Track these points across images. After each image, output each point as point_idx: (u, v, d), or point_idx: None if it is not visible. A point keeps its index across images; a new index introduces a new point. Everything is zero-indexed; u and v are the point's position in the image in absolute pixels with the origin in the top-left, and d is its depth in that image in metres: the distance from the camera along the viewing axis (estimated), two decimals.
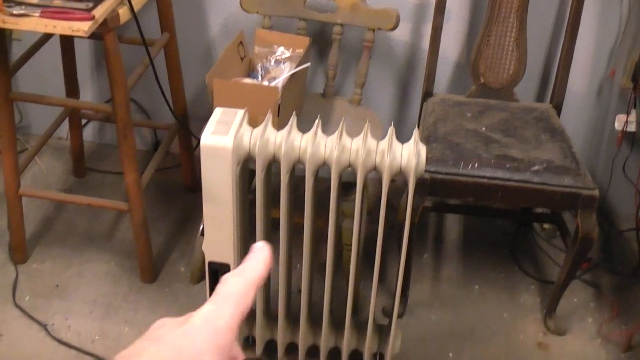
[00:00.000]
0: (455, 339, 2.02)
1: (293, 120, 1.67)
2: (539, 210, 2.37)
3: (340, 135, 1.62)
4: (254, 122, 1.68)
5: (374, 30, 2.08)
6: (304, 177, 1.62)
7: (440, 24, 2.09)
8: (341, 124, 1.65)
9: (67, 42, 2.20)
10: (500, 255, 2.32)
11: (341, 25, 2.11)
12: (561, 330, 2.05)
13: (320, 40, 2.33)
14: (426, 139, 1.94)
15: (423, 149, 1.59)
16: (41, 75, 2.49)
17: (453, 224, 2.45)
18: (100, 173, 2.56)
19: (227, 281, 0.57)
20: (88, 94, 2.56)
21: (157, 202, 2.46)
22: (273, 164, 1.67)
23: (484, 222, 2.44)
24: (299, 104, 2.07)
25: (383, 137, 1.65)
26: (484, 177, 1.83)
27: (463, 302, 2.15)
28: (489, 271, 2.25)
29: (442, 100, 2.13)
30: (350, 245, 1.78)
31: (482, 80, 2.11)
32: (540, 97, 2.32)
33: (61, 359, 1.91)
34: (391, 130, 1.63)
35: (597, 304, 2.16)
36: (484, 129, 1.98)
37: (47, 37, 2.01)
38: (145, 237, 2.07)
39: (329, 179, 1.62)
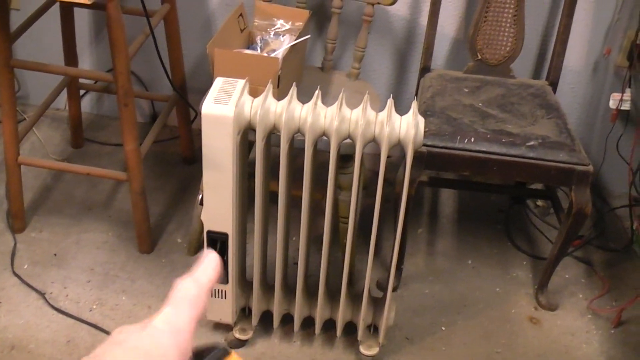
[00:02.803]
0: (448, 312, 2.05)
1: (293, 90, 1.68)
2: (533, 186, 2.40)
3: (340, 105, 1.64)
4: (253, 93, 1.69)
5: (373, 5, 2.09)
6: (302, 149, 1.63)
7: None
8: (341, 94, 1.66)
9: (67, 11, 2.20)
10: (494, 231, 2.35)
11: None
12: (552, 306, 2.08)
13: (320, 14, 2.34)
14: (423, 113, 1.96)
15: (421, 121, 1.61)
16: (40, 45, 2.49)
17: (447, 199, 2.47)
18: (98, 144, 2.57)
19: (181, 285, 0.60)
20: (86, 65, 2.57)
21: (155, 174, 2.48)
22: (271, 137, 1.69)
23: (479, 198, 2.47)
24: (299, 76, 2.08)
25: (381, 110, 1.67)
26: (480, 151, 1.85)
27: (456, 276, 2.18)
28: (482, 246, 2.28)
29: (439, 75, 2.15)
30: (347, 217, 1.80)
31: (479, 57, 2.13)
32: (536, 74, 2.34)
33: (59, 327, 1.93)
34: (390, 101, 1.65)
35: (588, 280, 2.19)
36: (480, 104, 2.00)
37: (47, 5, 2.01)
38: (143, 206, 2.08)
39: (326, 152, 1.63)
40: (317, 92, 1.67)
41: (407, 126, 1.59)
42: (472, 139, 1.87)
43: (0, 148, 2.22)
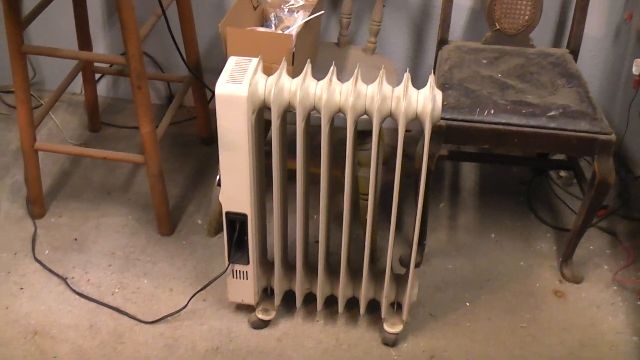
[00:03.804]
0: (472, 287, 2.03)
1: (308, 67, 1.65)
2: (555, 157, 2.36)
3: (356, 81, 1.61)
4: (268, 71, 1.67)
5: None
6: (319, 127, 1.61)
7: None
8: (356, 70, 1.63)
9: None
10: (517, 203, 2.31)
11: None
12: (577, 278, 2.05)
13: None
14: (441, 86, 1.93)
15: (439, 95, 1.58)
16: (54, 30, 2.48)
17: (469, 172, 2.44)
18: (115, 127, 2.56)
19: None
20: (100, 48, 2.55)
21: (173, 155, 2.47)
22: (288, 115, 1.67)
23: (500, 171, 2.43)
24: (313, 53, 2.05)
25: (399, 84, 1.64)
26: (499, 123, 1.82)
27: (479, 250, 2.15)
28: (505, 219, 2.25)
29: (457, 47, 2.11)
30: (367, 194, 1.77)
31: (497, 26, 2.08)
32: (556, 43, 2.29)
33: (81, 311, 1.93)
34: (407, 75, 1.62)
35: (613, 251, 2.16)
36: (499, 75, 1.96)
37: None
38: (161, 189, 2.08)
39: (344, 129, 1.61)
40: (332, 68, 1.65)
41: (424, 100, 1.56)
42: (492, 111, 1.83)
43: (17, 134, 2.21)
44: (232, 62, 1.67)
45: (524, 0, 2.04)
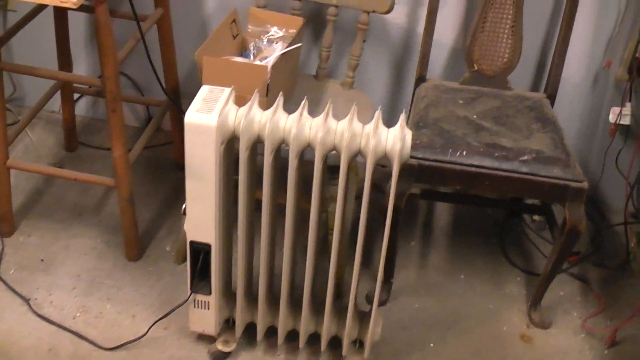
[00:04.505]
0: (438, 328, 2.01)
1: (279, 100, 1.65)
2: (530, 201, 2.36)
3: (326, 117, 1.60)
4: (242, 101, 1.66)
5: (368, 13, 2.05)
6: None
7: (436, 8, 2.07)
8: (327, 105, 1.63)
9: (60, 14, 2.18)
10: (489, 245, 2.30)
11: (336, 6, 2.08)
12: (545, 323, 2.04)
13: (316, 22, 2.31)
14: (416, 125, 1.92)
15: (409, 134, 1.57)
16: (36, 48, 2.47)
17: (443, 212, 2.43)
18: (92, 148, 2.55)
19: None
20: (82, 68, 2.55)
21: (147, 179, 2.45)
22: (259, 146, 1.66)
23: (474, 211, 2.43)
24: (291, 84, 2.05)
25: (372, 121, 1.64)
26: (471, 165, 1.81)
27: (448, 290, 2.14)
28: (476, 261, 2.24)
29: (434, 86, 2.11)
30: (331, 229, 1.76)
31: (476, 67, 2.09)
32: (535, 86, 2.30)
33: (41, 334, 1.90)
34: (378, 113, 1.61)
35: (584, 298, 2.14)
36: (475, 116, 1.96)
37: (39, 8, 1.98)
38: (131, 213, 2.06)
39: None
40: (303, 102, 1.64)
41: (393, 139, 1.55)
42: (464, 152, 1.83)
43: None
44: (204, 91, 1.67)
45: (502, 42, 2.05)
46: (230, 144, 1.64)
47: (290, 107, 1.65)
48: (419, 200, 2.43)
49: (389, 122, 1.57)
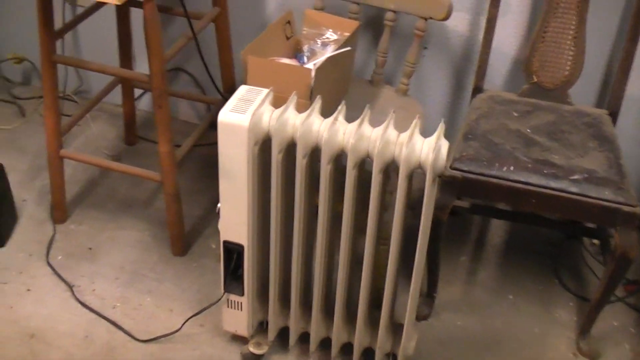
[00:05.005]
0: (478, 348, 1.93)
1: (316, 104, 1.62)
2: (589, 223, 2.24)
3: (362, 123, 1.57)
4: (284, 104, 1.63)
5: (425, 19, 2.00)
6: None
7: (495, 15, 1.99)
8: (365, 110, 1.59)
9: (121, 10, 2.23)
10: (542, 266, 2.20)
11: (394, 11, 2.04)
12: (594, 354, 1.92)
13: (375, 26, 2.27)
14: (464, 136, 1.86)
15: (445, 145, 1.52)
16: (102, 44, 2.54)
17: (497, 228, 2.34)
18: (150, 142, 2.59)
19: None
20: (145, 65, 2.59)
21: (200, 176, 2.47)
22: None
23: (530, 230, 2.32)
24: (340, 89, 2.02)
25: (422, 130, 1.59)
26: (517, 181, 1.73)
27: (493, 310, 2.05)
28: (526, 281, 2.14)
29: (490, 97, 2.03)
30: (386, 239, 1.71)
31: (535, 79, 2.00)
32: (599, 102, 2.17)
33: (80, 320, 1.94)
34: (415, 122, 1.56)
35: (638, 330, 2.01)
36: (528, 130, 1.88)
37: (98, 5, 2.03)
38: (176, 208, 2.07)
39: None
40: (340, 107, 1.61)
41: (427, 150, 1.50)
42: (511, 167, 1.75)
43: None
44: (242, 90, 1.66)
45: (564, 54, 1.95)
46: (265, 146, 1.62)
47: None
48: (472, 215, 2.35)
49: (447, 133, 1.52)
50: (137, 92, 2.55)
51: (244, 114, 1.56)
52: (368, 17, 2.26)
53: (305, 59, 2.01)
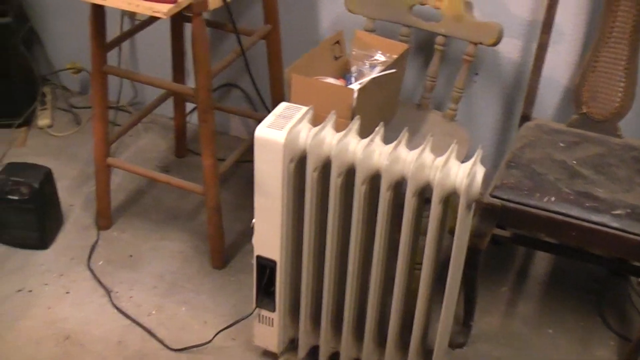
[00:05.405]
0: None
1: (354, 124, 1.62)
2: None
3: (398, 145, 1.56)
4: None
5: (475, 44, 1.98)
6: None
7: (546, 42, 1.96)
8: (403, 133, 1.58)
9: (175, 24, 2.28)
10: (585, 302, 2.13)
11: (444, 36, 2.03)
12: None
13: (426, 50, 2.26)
14: (507, 164, 1.82)
15: (481, 171, 1.50)
16: (157, 57, 2.60)
17: (541, 260, 2.28)
18: (199, 156, 2.61)
19: None
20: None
21: (246, 192, 2.47)
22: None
23: (575, 265, 2.26)
24: (387, 111, 2.01)
25: (462, 157, 1.57)
26: (557, 212, 1.69)
27: (531, 344, 2.00)
28: (567, 316, 2.08)
29: (537, 125, 1.99)
30: (420, 263, 1.69)
31: (584, 110, 1.95)
32: None
33: (114, 326, 1.97)
34: (452, 147, 1.55)
35: None
36: (574, 162, 1.83)
37: (151, 19, 2.07)
38: (217, 222, 2.09)
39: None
40: (377, 128, 1.60)
41: (462, 175, 1.48)
42: (552, 198, 1.71)
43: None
44: (281, 107, 1.67)
45: (615, 85, 1.90)
46: (301, 163, 1.62)
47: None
48: (515, 246, 2.30)
49: (492, 160, 1.50)
50: (190, 106, 2.60)
51: (280, 130, 1.57)
52: (419, 41, 2.25)
53: (352, 79, 2.01)
